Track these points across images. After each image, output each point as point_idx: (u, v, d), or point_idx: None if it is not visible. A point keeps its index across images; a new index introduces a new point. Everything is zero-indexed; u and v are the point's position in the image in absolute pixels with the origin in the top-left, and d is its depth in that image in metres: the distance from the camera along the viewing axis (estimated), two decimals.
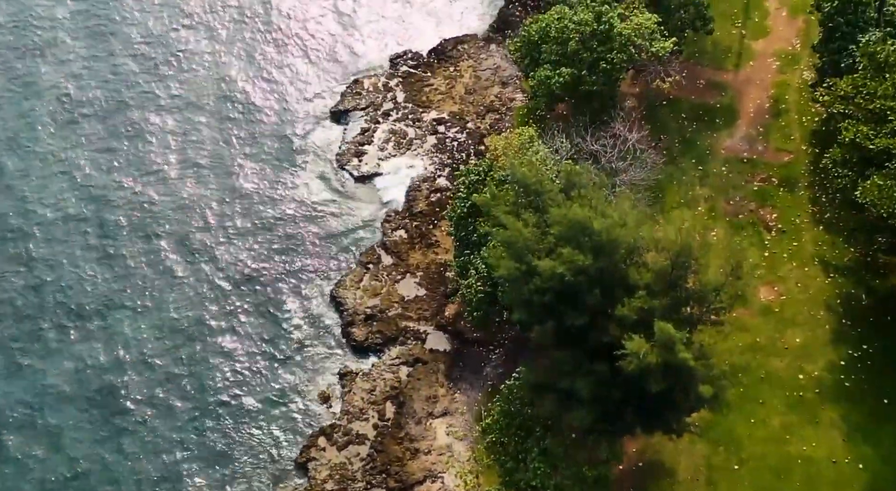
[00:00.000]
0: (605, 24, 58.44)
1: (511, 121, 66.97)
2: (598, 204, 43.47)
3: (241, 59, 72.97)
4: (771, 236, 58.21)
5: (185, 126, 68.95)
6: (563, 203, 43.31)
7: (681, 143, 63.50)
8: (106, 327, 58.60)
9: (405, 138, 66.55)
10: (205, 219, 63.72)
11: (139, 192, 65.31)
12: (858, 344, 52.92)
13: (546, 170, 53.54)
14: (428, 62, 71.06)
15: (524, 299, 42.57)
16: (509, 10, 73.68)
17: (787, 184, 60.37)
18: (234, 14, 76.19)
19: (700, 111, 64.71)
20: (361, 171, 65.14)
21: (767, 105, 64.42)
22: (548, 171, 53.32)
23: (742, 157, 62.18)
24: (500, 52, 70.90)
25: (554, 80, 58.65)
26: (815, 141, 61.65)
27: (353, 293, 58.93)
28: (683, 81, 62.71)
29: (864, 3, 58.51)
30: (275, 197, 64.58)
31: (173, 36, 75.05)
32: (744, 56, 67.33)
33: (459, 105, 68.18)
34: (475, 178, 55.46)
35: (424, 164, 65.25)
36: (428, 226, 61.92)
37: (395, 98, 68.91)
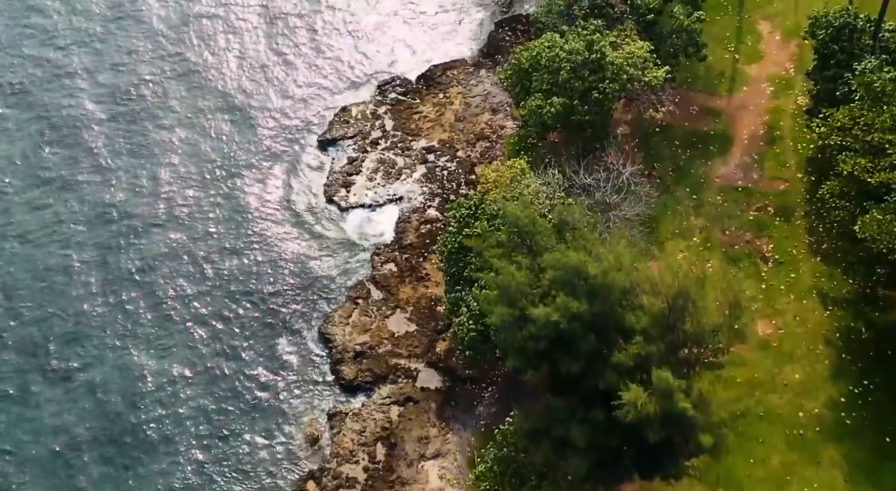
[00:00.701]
0: (597, 53, 57.40)
1: (502, 149, 65.84)
2: (593, 246, 42.32)
3: (226, 87, 71.46)
4: (768, 268, 57.15)
5: (166, 159, 67.36)
6: (557, 245, 42.12)
7: (675, 172, 62.46)
8: (87, 365, 57.24)
9: (394, 168, 65.31)
10: (188, 254, 62.22)
11: (121, 225, 64.01)
12: (859, 379, 51.86)
13: (538, 204, 52.57)
14: (417, 89, 69.85)
15: (518, 346, 41.34)
16: (499, 35, 72.52)
17: (784, 213, 59.34)
18: (218, 42, 74.67)
19: (694, 138, 63.69)
20: (350, 203, 63.82)
21: (762, 132, 63.43)
22: (540, 206, 52.34)
23: (737, 185, 61.13)
24: (490, 77, 69.74)
25: (546, 109, 57.56)
26: (811, 169, 60.70)
27: (342, 330, 57.58)
28: (677, 111, 61.50)
29: (859, 31, 57.66)
30: (260, 230, 63.06)
31: (154, 64, 73.62)
32: (737, 81, 66.35)
33: (449, 133, 66.96)
34: (466, 213, 54.24)
35: (414, 195, 63.96)
36: (418, 259, 60.64)
37: (384, 126, 67.65)
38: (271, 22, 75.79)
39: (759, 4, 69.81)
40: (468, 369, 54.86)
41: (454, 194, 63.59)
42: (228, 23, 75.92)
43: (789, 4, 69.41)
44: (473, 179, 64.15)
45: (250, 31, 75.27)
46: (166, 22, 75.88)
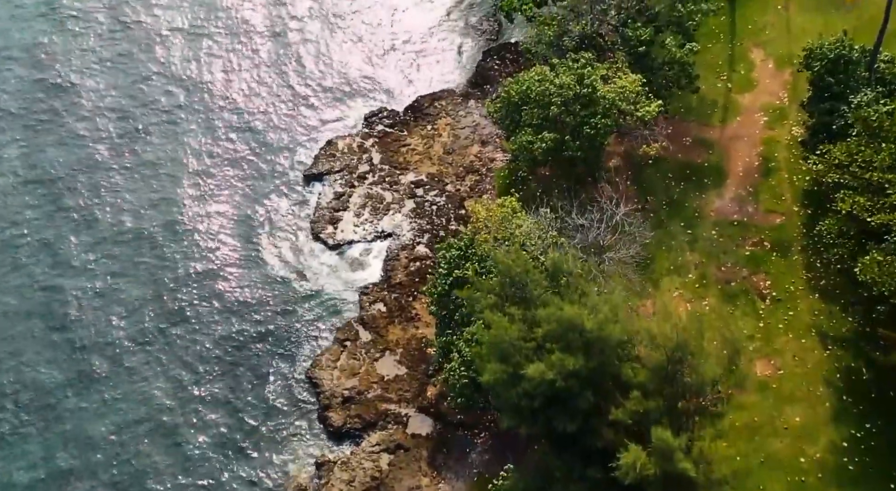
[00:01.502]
0: (588, 88, 56.17)
1: (492, 182, 64.49)
2: (589, 297, 40.96)
3: (208, 121, 69.73)
4: (765, 305, 55.86)
5: (146, 195, 65.65)
6: (550, 295, 40.75)
7: (668, 206, 61.17)
8: (67, 417, 55.42)
9: (382, 203, 63.85)
10: (167, 295, 60.51)
11: (100, 266, 62.33)
12: (861, 423, 50.54)
13: (531, 245, 51.22)
14: (404, 120, 68.44)
15: (512, 404, 39.90)
16: (487, 64, 71.22)
17: (780, 248, 58.09)
18: (201, 75, 72.94)
19: (687, 170, 62.43)
20: (336, 240, 62.29)
21: (756, 163, 62.23)
22: (532, 247, 50.99)
23: (732, 219, 59.87)
24: (479, 108, 68.38)
25: (536, 145, 56.28)
26: (807, 201, 59.47)
27: (329, 374, 56.01)
28: (670, 146, 60.10)
29: (855, 63, 56.58)
30: (243, 270, 61.43)
31: (141, 97, 72.04)
32: (730, 111, 65.15)
33: (438, 166, 65.58)
34: (456, 254, 52.82)
35: (403, 231, 62.49)
36: (407, 298, 59.14)
37: (371, 159, 66.21)
38: (255, 54, 74.19)
39: (751, 32, 68.69)
40: (460, 414, 53.35)
41: (444, 230, 62.21)
42: (211, 55, 74.22)
43: (782, 32, 68.33)
44: (463, 214, 62.75)
45: (233, 63, 73.56)
46: (145, 56, 74.32)
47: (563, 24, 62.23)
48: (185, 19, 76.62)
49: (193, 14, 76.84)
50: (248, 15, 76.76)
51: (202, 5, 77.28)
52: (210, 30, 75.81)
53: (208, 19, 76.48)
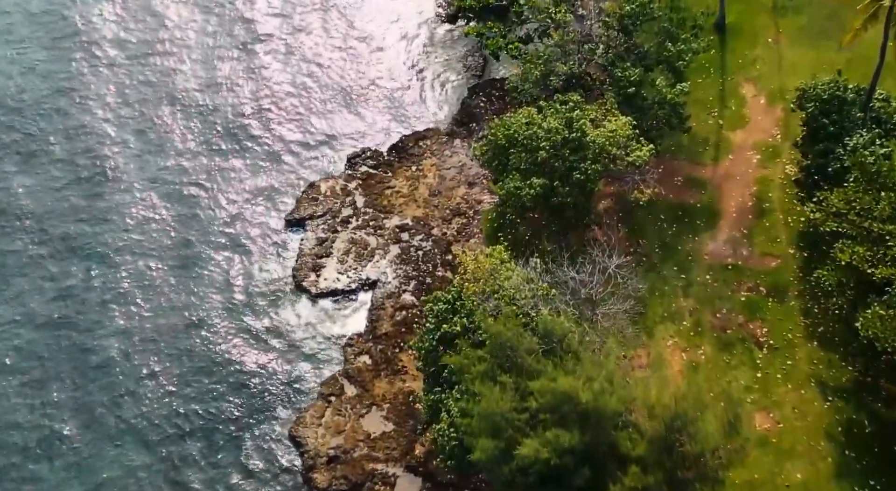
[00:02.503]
0: (577, 132, 54.54)
1: (479, 226, 62.68)
2: (583, 365, 39.15)
3: (186, 164, 67.54)
4: (762, 354, 54.21)
5: (116, 242, 63.35)
6: (544, 367, 38.92)
7: (661, 249, 59.53)
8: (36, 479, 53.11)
9: (366, 248, 61.91)
10: (145, 350, 58.15)
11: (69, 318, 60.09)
12: (864, 479, 48.87)
13: (521, 299, 49.40)
14: (388, 161, 66.55)
15: (505, 480, 38.01)
16: (473, 101, 69.45)
17: (777, 293, 56.50)
18: (175, 114, 70.70)
19: (679, 211, 60.83)
20: (320, 288, 60.22)
21: (750, 203, 60.70)
22: (523, 302, 49.16)
23: (727, 263, 58.26)
24: (464, 148, 66.60)
25: (525, 191, 54.57)
26: (803, 244, 57.93)
27: (314, 431, 53.91)
28: (662, 190, 58.29)
29: (849, 103, 55.16)
30: (222, 321, 59.17)
31: (119, 135, 69.96)
32: (722, 148, 63.67)
33: (423, 209, 63.72)
34: (444, 307, 50.94)
35: (388, 278, 60.53)
36: (393, 350, 57.17)
37: (355, 203, 64.25)
38: (232, 93, 71.93)
39: (741, 66, 67.30)
40: (451, 474, 51.36)
41: (430, 276, 60.35)
42: (186, 96, 71.87)
43: (773, 66, 66.97)
44: (450, 259, 60.95)
45: (209, 104, 71.41)
46: (122, 95, 72.18)
47: (550, 63, 60.62)
48: (159, 60, 74.46)
49: (168, 55, 74.56)
50: (225, 53, 74.76)
51: (177, 44, 75.14)
52: (185, 71, 73.66)
53: (183, 60, 74.33)
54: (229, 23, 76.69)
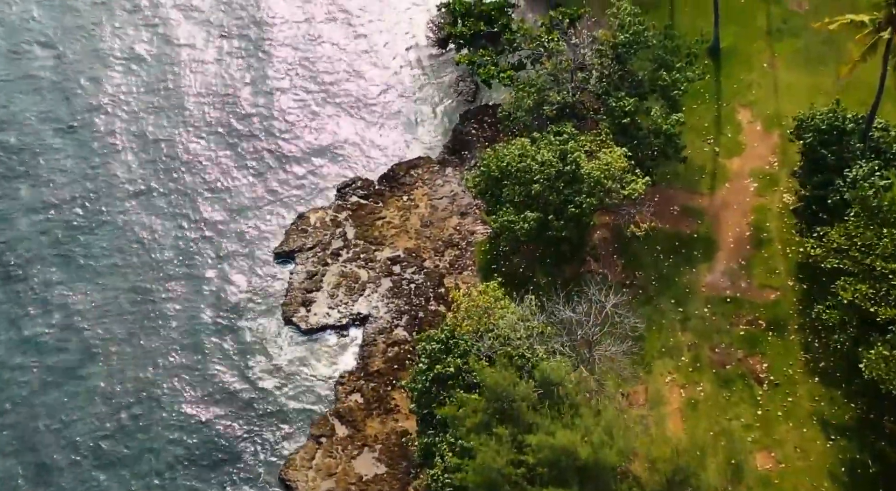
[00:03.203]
0: (572, 165, 53.43)
1: (472, 258, 61.38)
2: (582, 417, 37.93)
3: (172, 196, 65.85)
4: (763, 390, 53.05)
5: (107, 277, 61.88)
6: (542, 419, 37.68)
7: (657, 281, 58.37)
8: None
9: (357, 282, 60.57)
10: (129, 389, 56.73)
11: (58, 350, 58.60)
12: None
13: (516, 339, 48.23)
14: (379, 191, 65.24)
15: None
16: (465, 128, 68.14)
17: (776, 327, 55.36)
18: (158, 148, 68.72)
19: (676, 242, 59.69)
20: (310, 324, 58.80)
21: (748, 233, 59.59)
22: (518, 342, 47.98)
23: (725, 295, 57.12)
24: (456, 177, 65.32)
25: (519, 225, 53.43)
26: (802, 275, 56.81)
27: (304, 474, 52.49)
28: (658, 222, 56.97)
29: (849, 133, 54.17)
30: (209, 359, 57.64)
31: (99, 171, 68.31)
32: (718, 176, 62.60)
33: (415, 240, 62.43)
34: (437, 347, 49.69)
35: (379, 313, 59.16)
36: (386, 387, 55.82)
37: (345, 234, 62.89)
38: (217, 121, 70.39)
39: (737, 91, 66.27)
40: None
41: (423, 311, 59.04)
42: (174, 126, 70.07)
43: (769, 91, 65.97)
44: (443, 293, 59.67)
45: (193, 132, 69.70)
46: (108, 138, 70.26)
47: (543, 92, 59.52)
48: (142, 92, 72.62)
49: (151, 85, 72.89)
50: (212, 79, 73.38)
51: (153, 75, 73.39)
52: (168, 101, 71.79)
53: (166, 89, 72.65)
54: (213, 48, 75.25)
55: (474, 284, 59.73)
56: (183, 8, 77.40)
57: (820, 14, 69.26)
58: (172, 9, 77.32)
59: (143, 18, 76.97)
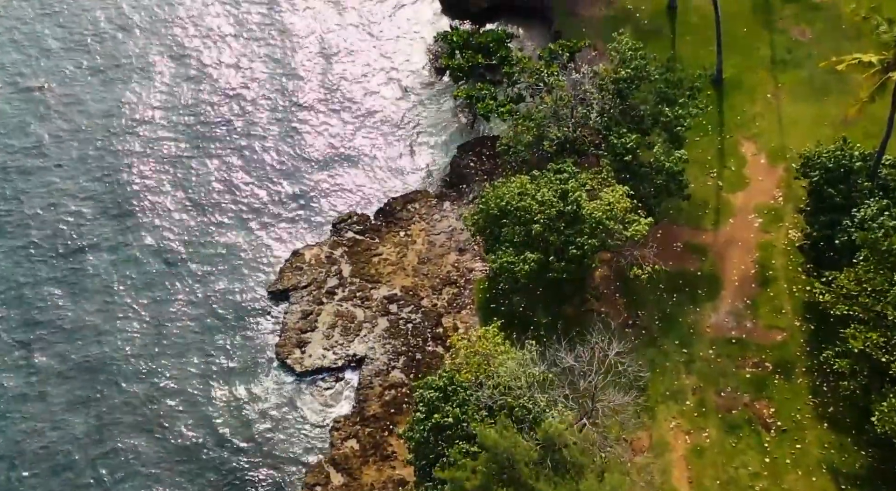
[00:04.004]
0: (573, 205, 52.05)
1: (471, 296, 59.96)
2: (586, 481, 36.47)
3: (162, 235, 64.26)
4: (770, 437, 51.57)
5: (91, 320, 60.35)
6: (544, 485, 36.23)
7: (661, 321, 56.95)
8: None
9: (353, 322, 59.11)
10: (112, 435, 55.20)
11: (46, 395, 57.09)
12: None
13: (516, 388, 46.78)
14: (375, 226, 63.82)
15: None
16: (463, 160, 66.76)
17: (783, 369, 53.92)
18: (146, 183, 67.16)
19: (679, 280, 58.28)
20: (305, 366, 57.35)
21: (753, 271, 58.20)
22: (519, 391, 46.52)
23: (730, 337, 55.70)
24: (454, 211, 63.97)
25: (518, 267, 52.03)
26: (810, 315, 55.37)
27: None
28: (661, 258, 55.52)
29: (856, 172, 52.84)
30: (203, 406, 56.15)
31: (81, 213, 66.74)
32: (722, 212, 61.18)
33: (412, 278, 60.97)
34: (435, 395, 48.20)
35: (376, 354, 57.69)
36: (382, 433, 54.33)
37: (341, 272, 61.45)
38: (213, 151, 69.11)
39: (740, 123, 64.94)
40: None
41: (420, 352, 57.60)
42: (166, 161, 68.51)
43: (773, 123, 64.64)
44: (441, 333, 58.25)
45: (191, 166, 68.20)
46: (95, 168, 68.71)
47: (542, 126, 58.18)
48: (130, 127, 71.05)
49: (140, 120, 71.31)
50: (205, 109, 71.98)
51: (148, 112, 71.74)
52: (162, 133, 70.48)
53: (163, 123, 71.36)
54: (208, 80, 73.97)
55: (473, 324, 58.45)
56: (171, 51, 75.91)
57: (823, 43, 68.71)
58: (158, 55, 75.41)
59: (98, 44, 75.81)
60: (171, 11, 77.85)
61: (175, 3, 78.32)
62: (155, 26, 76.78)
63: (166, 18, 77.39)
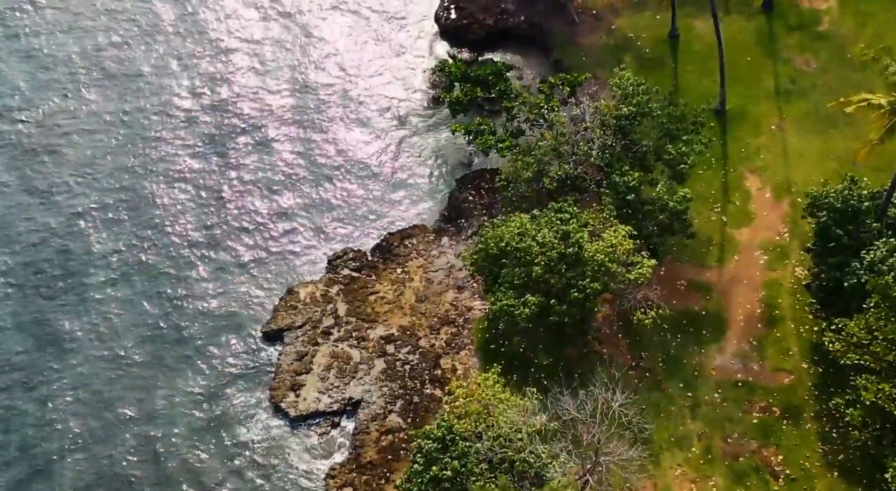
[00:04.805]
0: (574, 246, 50.64)
1: (470, 336, 58.44)
2: None
3: (152, 272, 62.70)
4: (779, 486, 50.10)
5: (83, 364, 58.75)
6: None
7: (665, 363, 55.50)
8: None
9: (349, 363, 57.60)
10: (109, 486, 53.77)
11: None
12: None
13: (516, 439, 45.33)
14: (372, 263, 62.30)
15: None
16: (461, 194, 65.15)
17: (791, 414, 52.48)
18: (140, 219, 65.58)
19: (684, 320, 56.80)
20: (299, 410, 55.75)
21: (759, 311, 56.76)
22: (520, 443, 45.09)
23: (736, 379, 54.25)
24: (453, 247, 62.46)
25: (519, 310, 50.61)
26: (818, 357, 53.94)
27: None
28: (665, 308, 53.73)
29: (865, 212, 51.43)
30: (194, 452, 54.50)
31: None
32: (727, 249, 59.74)
33: (410, 317, 59.48)
34: (433, 446, 46.74)
35: (372, 397, 56.12)
36: (379, 481, 52.74)
37: (336, 311, 59.92)
38: (206, 184, 67.43)
39: (744, 156, 63.55)
40: None
41: (418, 395, 56.09)
42: (157, 197, 66.78)
43: (778, 156, 63.26)
44: (439, 375, 56.76)
45: (183, 200, 66.56)
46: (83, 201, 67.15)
47: (542, 163, 56.80)
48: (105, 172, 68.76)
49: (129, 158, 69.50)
50: (197, 140, 70.47)
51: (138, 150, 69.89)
52: (143, 171, 68.66)
53: (136, 168, 68.96)
54: (198, 107, 72.45)
55: (472, 365, 57.00)
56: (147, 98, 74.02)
57: (829, 73, 67.36)
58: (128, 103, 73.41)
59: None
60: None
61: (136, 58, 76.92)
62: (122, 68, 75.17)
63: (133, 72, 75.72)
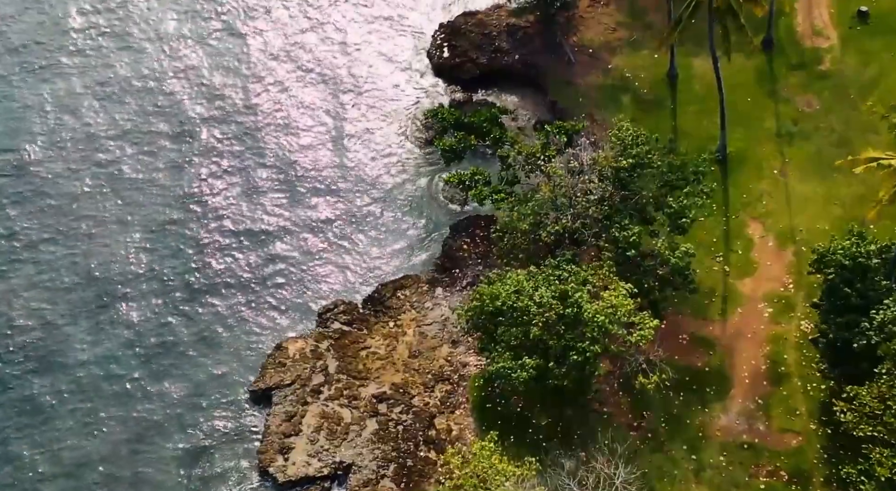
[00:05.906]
0: (573, 307, 48.71)
1: (465, 394, 56.37)
2: None
3: (134, 327, 60.54)
4: None
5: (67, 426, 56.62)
6: None
7: (667, 422, 53.52)
8: None
9: (340, 424, 55.46)
10: None
11: None
12: None
13: None
14: (363, 316, 60.21)
15: None
16: (455, 243, 63.03)
17: (800, 479, 50.48)
18: (122, 265, 63.48)
19: (687, 377, 54.79)
20: (288, 475, 53.43)
21: (764, 367, 54.86)
22: None
23: (741, 441, 52.30)
24: (447, 298, 60.47)
25: (517, 374, 48.66)
26: (826, 417, 51.96)
27: None
28: (670, 371, 51.59)
29: (874, 269, 49.59)
30: None
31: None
32: (730, 301, 57.88)
33: (403, 374, 57.39)
34: None
35: (364, 460, 53.86)
36: None
37: (326, 367, 57.79)
38: (190, 230, 65.21)
39: (746, 202, 61.82)
40: None
41: (412, 458, 53.95)
42: (137, 251, 64.44)
43: (780, 202, 61.52)
44: (433, 436, 54.67)
45: (165, 252, 64.30)
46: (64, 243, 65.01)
47: (539, 215, 54.88)
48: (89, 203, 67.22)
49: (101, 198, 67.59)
50: (179, 187, 68.44)
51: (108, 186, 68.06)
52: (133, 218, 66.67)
53: (125, 207, 67.31)
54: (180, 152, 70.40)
55: (468, 425, 54.98)
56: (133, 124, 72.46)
57: (832, 114, 65.78)
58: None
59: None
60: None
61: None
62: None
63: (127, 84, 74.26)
